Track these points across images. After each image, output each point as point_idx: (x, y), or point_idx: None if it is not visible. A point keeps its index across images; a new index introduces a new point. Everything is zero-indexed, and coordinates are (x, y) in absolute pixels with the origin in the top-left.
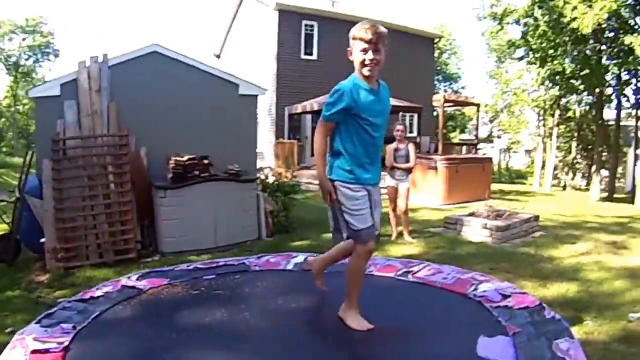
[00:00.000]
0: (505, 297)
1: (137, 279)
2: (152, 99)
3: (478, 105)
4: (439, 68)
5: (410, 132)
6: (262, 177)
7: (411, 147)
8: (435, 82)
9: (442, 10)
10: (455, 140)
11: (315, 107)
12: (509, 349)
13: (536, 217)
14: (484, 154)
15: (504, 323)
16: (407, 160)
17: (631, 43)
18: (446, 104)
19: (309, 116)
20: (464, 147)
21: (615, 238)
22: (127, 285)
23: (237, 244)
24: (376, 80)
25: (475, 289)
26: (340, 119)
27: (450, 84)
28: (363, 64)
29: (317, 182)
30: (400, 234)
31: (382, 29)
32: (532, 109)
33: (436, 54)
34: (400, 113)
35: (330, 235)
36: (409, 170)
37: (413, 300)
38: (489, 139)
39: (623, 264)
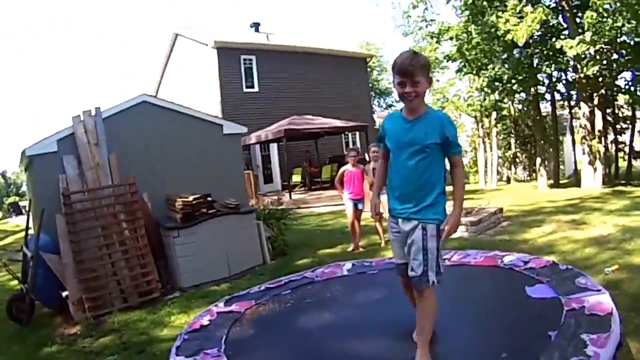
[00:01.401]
0: (526, 262)
1: (225, 305)
2: (144, 146)
3: None
4: (371, 85)
5: None
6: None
7: None
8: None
9: (367, 28)
10: None
11: (270, 137)
12: (549, 289)
13: (500, 210)
14: None
15: (536, 277)
16: None
17: (562, 47)
18: None
19: (257, 146)
20: None
21: (573, 217)
22: (222, 311)
23: (247, 270)
24: (422, 109)
25: (502, 261)
26: (384, 147)
27: (385, 99)
28: (401, 97)
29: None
30: (388, 241)
31: (418, 59)
32: (468, 113)
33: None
34: (344, 132)
35: (325, 250)
36: None
37: (464, 277)
38: None
39: (587, 236)
